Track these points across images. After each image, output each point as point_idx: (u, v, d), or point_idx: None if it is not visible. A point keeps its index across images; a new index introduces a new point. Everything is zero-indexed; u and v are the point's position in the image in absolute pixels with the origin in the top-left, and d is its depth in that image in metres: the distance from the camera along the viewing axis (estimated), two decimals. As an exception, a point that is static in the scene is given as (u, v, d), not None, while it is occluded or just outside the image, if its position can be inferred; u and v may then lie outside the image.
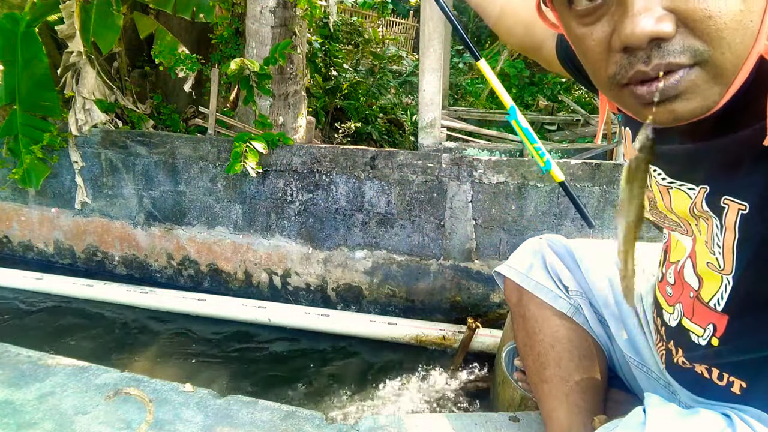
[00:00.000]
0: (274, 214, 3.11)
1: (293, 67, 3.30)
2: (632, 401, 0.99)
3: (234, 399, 1.21)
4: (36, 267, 3.44)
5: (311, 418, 1.15)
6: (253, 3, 3.09)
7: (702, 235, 0.63)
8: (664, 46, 0.44)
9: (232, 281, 3.36)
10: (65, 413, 1.12)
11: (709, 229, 0.61)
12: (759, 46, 0.45)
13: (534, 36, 0.92)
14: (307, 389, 2.51)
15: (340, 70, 5.07)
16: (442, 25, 3.04)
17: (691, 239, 0.70)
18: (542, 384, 0.95)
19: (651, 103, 0.46)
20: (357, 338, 2.87)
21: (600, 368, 0.96)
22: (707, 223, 0.61)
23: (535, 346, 0.99)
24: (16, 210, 3.64)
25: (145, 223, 3.37)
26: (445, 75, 6.04)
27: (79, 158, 3.30)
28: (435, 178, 2.83)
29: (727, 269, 0.61)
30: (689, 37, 0.43)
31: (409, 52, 9.91)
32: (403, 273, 3.04)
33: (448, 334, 2.75)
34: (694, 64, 0.44)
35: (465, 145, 4.41)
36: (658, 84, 0.45)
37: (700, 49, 0.44)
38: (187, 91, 3.39)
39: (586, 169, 2.70)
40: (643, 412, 0.66)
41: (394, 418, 1.16)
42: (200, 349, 2.79)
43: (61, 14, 3.06)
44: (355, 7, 10.46)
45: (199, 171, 3.14)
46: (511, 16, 0.95)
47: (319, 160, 2.95)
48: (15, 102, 3.16)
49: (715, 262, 0.63)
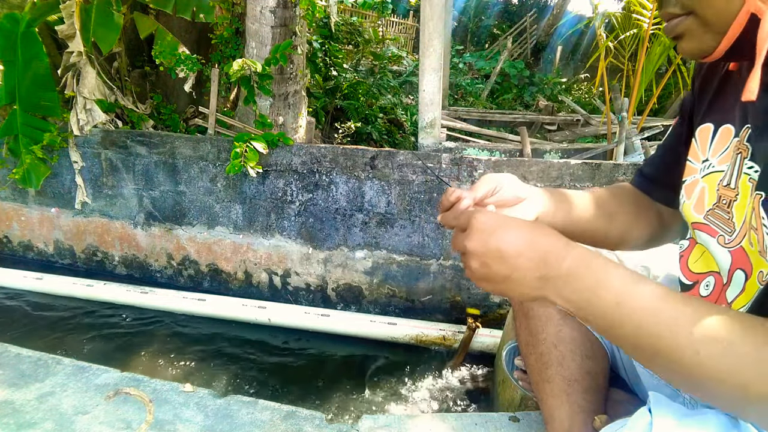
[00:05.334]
0: (274, 214, 3.11)
1: (293, 67, 3.29)
2: (633, 401, 0.99)
3: (234, 399, 1.20)
4: (36, 267, 3.44)
5: (311, 418, 1.15)
6: (253, 3, 3.09)
7: (754, 246, 0.63)
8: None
9: (232, 281, 3.36)
10: (65, 413, 1.12)
11: (760, 239, 0.61)
12: (749, 6, 0.55)
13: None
14: (307, 389, 2.51)
15: (340, 70, 5.08)
16: (442, 25, 3.04)
17: (728, 251, 0.68)
18: (544, 383, 0.95)
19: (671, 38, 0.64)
20: (357, 338, 2.87)
21: (602, 368, 0.96)
22: (757, 234, 0.61)
23: (537, 346, 0.99)
24: (16, 210, 3.64)
25: (145, 223, 3.37)
26: (445, 75, 6.05)
27: (79, 158, 3.30)
28: (435, 178, 2.82)
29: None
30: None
31: (409, 52, 9.90)
32: (403, 273, 3.04)
33: (448, 334, 2.75)
34: (687, 13, 0.60)
35: (465, 145, 4.41)
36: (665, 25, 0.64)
37: (687, 3, 0.60)
38: (187, 91, 3.38)
39: (586, 169, 2.70)
40: (648, 412, 0.66)
41: (394, 418, 1.16)
42: (200, 349, 2.79)
43: (61, 14, 3.06)
44: (355, 7, 10.46)
45: (199, 171, 3.14)
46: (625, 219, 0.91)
47: (319, 160, 2.95)
48: (15, 102, 3.16)
49: (767, 271, 0.62)
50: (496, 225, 0.60)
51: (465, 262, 0.62)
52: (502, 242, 0.58)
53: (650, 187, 0.92)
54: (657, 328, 0.52)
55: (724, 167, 0.70)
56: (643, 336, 0.53)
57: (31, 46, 3.10)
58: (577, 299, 0.57)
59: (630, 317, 0.54)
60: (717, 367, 0.49)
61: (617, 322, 0.55)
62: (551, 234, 0.60)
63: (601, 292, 0.55)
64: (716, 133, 0.74)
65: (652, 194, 0.92)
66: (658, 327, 0.52)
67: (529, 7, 13.65)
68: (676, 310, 0.52)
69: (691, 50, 0.62)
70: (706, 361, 0.50)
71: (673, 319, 0.52)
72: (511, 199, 0.80)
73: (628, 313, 0.54)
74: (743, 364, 0.48)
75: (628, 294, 0.55)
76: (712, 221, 0.72)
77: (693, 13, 0.60)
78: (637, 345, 0.54)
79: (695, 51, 0.62)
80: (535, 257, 0.58)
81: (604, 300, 0.55)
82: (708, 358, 0.49)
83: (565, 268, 0.57)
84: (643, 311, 0.53)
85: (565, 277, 0.57)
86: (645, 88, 4.07)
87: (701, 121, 0.78)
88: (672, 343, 0.51)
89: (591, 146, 4.40)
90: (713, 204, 0.72)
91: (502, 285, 0.60)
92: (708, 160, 0.75)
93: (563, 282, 0.57)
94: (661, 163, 0.91)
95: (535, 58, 12.09)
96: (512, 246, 0.58)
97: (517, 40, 11.98)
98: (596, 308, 0.56)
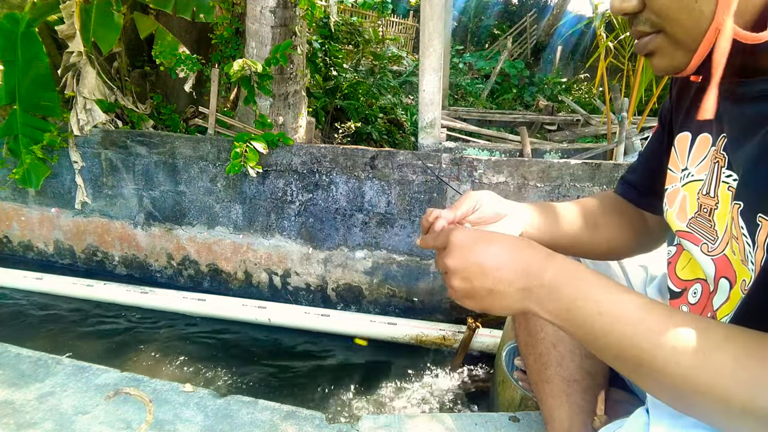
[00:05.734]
0: (274, 214, 3.11)
1: (293, 67, 3.29)
2: (633, 401, 0.99)
3: (234, 399, 1.20)
4: (36, 267, 3.44)
5: (311, 418, 1.15)
6: (253, 3, 3.09)
7: (736, 255, 0.63)
8: (638, 17, 0.61)
9: (232, 281, 3.36)
10: (65, 413, 1.12)
11: (741, 248, 0.60)
12: (717, 23, 0.54)
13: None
14: (307, 389, 2.51)
15: (340, 70, 5.07)
16: (442, 25, 3.04)
17: (711, 259, 0.68)
18: (543, 383, 0.95)
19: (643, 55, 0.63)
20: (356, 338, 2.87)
21: (601, 368, 0.96)
22: (738, 243, 0.61)
23: (537, 346, 0.99)
24: (16, 210, 3.64)
25: (145, 223, 3.37)
26: (445, 75, 6.05)
27: (79, 158, 3.30)
28: (435, 178, 2.82)
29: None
30: (649, 12, 0.59)
31: (409, 52, 9.91)
32: (403, 273, 3.04)
33: (448, 334, 2.75)
34: (656, 32, 0.59)
35: (465, 145, 4.41)
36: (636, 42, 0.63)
37: (656, 22, 0.59)
38: (187, 91, 3.38)
39: (586, 169, 2.70)
40: (646, 413, 0.66)
41: (394, 418, 1.16)
42: (200, 349, 2.79)
43: (61, 14, 3.06)
44: (355, 7, 10.46)
45: (199, 171, 3.14)
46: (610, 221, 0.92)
47: (319, 160, 2.95)
48: (15, 102, 3.16)
49: (749, 279, 0.61)
50: (475, 240, 0.61)
51: (447, 281, 0.63)
52: (481, 256, 0.59)
53: (634, 195, 0.92)
54: (639, 338, 0.52)
55: (703, 176, 0.71)
56: (625, 347, 0.53)
57: (31, 46, 3.10)
58: (559, 309, 0.57)
59: (612, 327, 0.54)
60: (697, 379, 0.49)
61: (600, 332, 0.55)
62: (531, 245, 0.61)
63: (582, 302, 0.55)
64: (694, 141, 0.74)
65: (637, 202, 0.92)
66: (640, 337, 0.52)
67: (529, 7, 13.66)
68: (659, 321, 0.52)
69: (663, 67, 0.62)
70: (687, 373, 0.49)
71: (656, 329, 0.52)
72: (491, 217, 0.81)
73: (611, 323, 0.54)
74: (722, 375, 0.48)
75: (611, 303, 0.55)
76: (695, 229, 0.72)
77: (663, 31, 0.59)
78: (620, 356, 0.54)
79: (668, 68, 0.61)
80: (517, 269, 0.58)
81: (586, 310, 0.55)
82: (688, 369, 0.49)
83: (547, 278, 0.57)
84: (626, 321, 0.53)
85: (548, 288, 0.57)
86: (645, 88, 4.07)
87: (679, 130, 0.78)
88: (654, 354, 0.51)
89: (591, 146, 4.40)
90: (695, 212, 0.72)
91: (485, 300, 0.60)
92: (687, 168, 0.75)
93: (546, 292, 0.57)
94: (643, 170, 0.91)
95: (535, 58, 12.09)
96: (492, 259, 0.59)
97: (517, 40, 11.98)
98: (578, 318, 0.56)
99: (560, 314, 0.57)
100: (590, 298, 0.55)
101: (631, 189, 0.92)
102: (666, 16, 0.57)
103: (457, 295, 0.62)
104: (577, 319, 0.56)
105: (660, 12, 0.57)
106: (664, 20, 0.58)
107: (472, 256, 0.59)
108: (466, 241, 0.61)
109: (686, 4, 0.55)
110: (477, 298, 0.60)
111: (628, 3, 0.60)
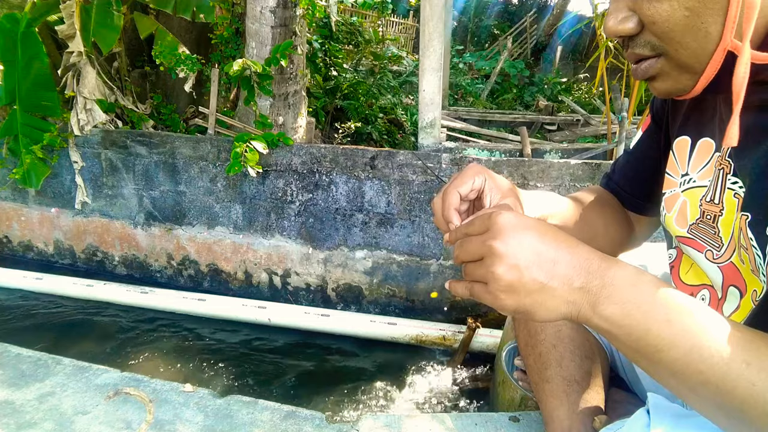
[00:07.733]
0: (274, 214, 3.11)
1: (293, 67, 3.29)
2: (633, 401, 0.99)
3: (234, 399, 1.20)
4: (36, 267, 3.44)
5: (311, 418, 1.15)
6: (253, 3, 3.09)
7: (745, 264, 0.61)
8: (635, 39, 0.57)
9: (232, 281, 3.36)
10: (65, 413, 1.12)
11: (751, 258, 0.58)
12: (725, 44, 0.52)
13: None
14: (307, 389, 2.51)
15: (340, 70, 5.07)
16: (442, 25, 3.04)
17: (717, 266, 0.67)
18: (543, 384, 0.95)
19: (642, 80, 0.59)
20: (357, 338, 2.87)
21: (601, 368, 0.96)
22: (748, 253, 0.59)
23: (537, 346, 0.98)
24: (16, 210, 3.64)
25: (145, 223, 3.37)
26: (445, 75, 6.05)
27: (79, 158, 3.30)
28: (435, 178, 2.82)
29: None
30: (649, 35, 0.55)
31: (409, 52, 9.90)
32: (403, 273, 3.04)
33: (448, 334, 2.75)
34: (657, 55, 0.56)
35: (465, 145, 4.41)
36: (634, 67, 0.59)
37: (657, 44, 0.55)
38: (187, 91, 3.38)
39: (586, 169, 2.70)
40: (646, 413, 0.66)
41: (394, 418, 1.16)
42: (200, 349, 2.79)
43: (61, 14, 3.06)
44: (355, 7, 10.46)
45: (199, 171, 3.14)
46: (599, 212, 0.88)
47: (319, 160, 2.95)
48: (15, 102, 3.16)
49: (761, 290, 0.60)
50: (528, 225, 0.51)
51: (484, 270, 0.51)
52: (538, 244, 0.50)
53: (619, 194, 0.91)
54: (709, 352, 0.46)
55: (706, 182, 0.69)
56: (692, 362, 0.46)
57: (31, 46, 3.10)
58: (619, 314, 0.49)
59: (683, 337, 0.46)
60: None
61: (665, 344, 0.47)
62: (581, 242, 0.53)
63: (649, 306, 0.48)
64: (695, 146, 0.72)
65: (621, 201, 0.91)
66: (710, 351, 0.46)
67: (529, 7, 13.66)
68: (730, 334, 0.46)
69: (666, 90, 0.58)
70: (765, 395, 0.44)
71: (727, 344, 0.46)
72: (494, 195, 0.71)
73: (681, 333, 0.47)
74: None
75: (681, 311, 0.47)
76: (696, 235, 0.70)
77: (664, 54, 0.55)
78: (682, 372, 0.47)
79: (671, 91, 0.58)
80: (576, 265, 0.50)
81: (652, 315, 0.48)
82: (765, 390, 0.44)
83: (609, 277, 0.49)
84: (698, 332, 0.46)
85: (609, 288, 0.49)
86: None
87: (678, 134, 0.76)
88: (724, 370, 0.45)
89: (591, 146, 4.40)
90: (696, 219, 0.70)
91: (531, 296, 0.50)
92: (688, 174, 0.73)
93: (607, 294, 0.49)
94: (630, 170, 0.89)
95: (535, 58, 12.09)
96: (551, 251, 0.50)
97: (517, 40, 11.98)
98: (642, 325, 0.48)
99: (618, 320, 0.49)
100: (658, 302, 0.48)
101: (617, 188, 0.91)
102: (670, 39, 0.54)
103: (499, 285, 0.50)
104: (640, 326, 0.48)
105: (663, 34, 0.53)
106: (668, 43, 0.54)
107: (527, 241, 0.50)
108: (520, 225, 0.51)
109: (692, 24, 0.52)
110: (522, 293, 0.50)
111: (624, 25, 0.56)
